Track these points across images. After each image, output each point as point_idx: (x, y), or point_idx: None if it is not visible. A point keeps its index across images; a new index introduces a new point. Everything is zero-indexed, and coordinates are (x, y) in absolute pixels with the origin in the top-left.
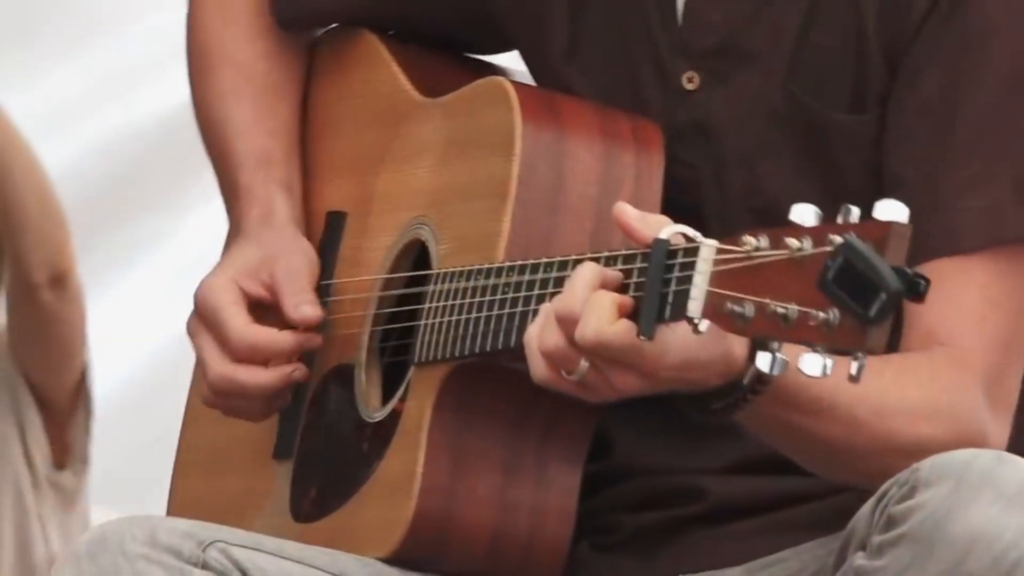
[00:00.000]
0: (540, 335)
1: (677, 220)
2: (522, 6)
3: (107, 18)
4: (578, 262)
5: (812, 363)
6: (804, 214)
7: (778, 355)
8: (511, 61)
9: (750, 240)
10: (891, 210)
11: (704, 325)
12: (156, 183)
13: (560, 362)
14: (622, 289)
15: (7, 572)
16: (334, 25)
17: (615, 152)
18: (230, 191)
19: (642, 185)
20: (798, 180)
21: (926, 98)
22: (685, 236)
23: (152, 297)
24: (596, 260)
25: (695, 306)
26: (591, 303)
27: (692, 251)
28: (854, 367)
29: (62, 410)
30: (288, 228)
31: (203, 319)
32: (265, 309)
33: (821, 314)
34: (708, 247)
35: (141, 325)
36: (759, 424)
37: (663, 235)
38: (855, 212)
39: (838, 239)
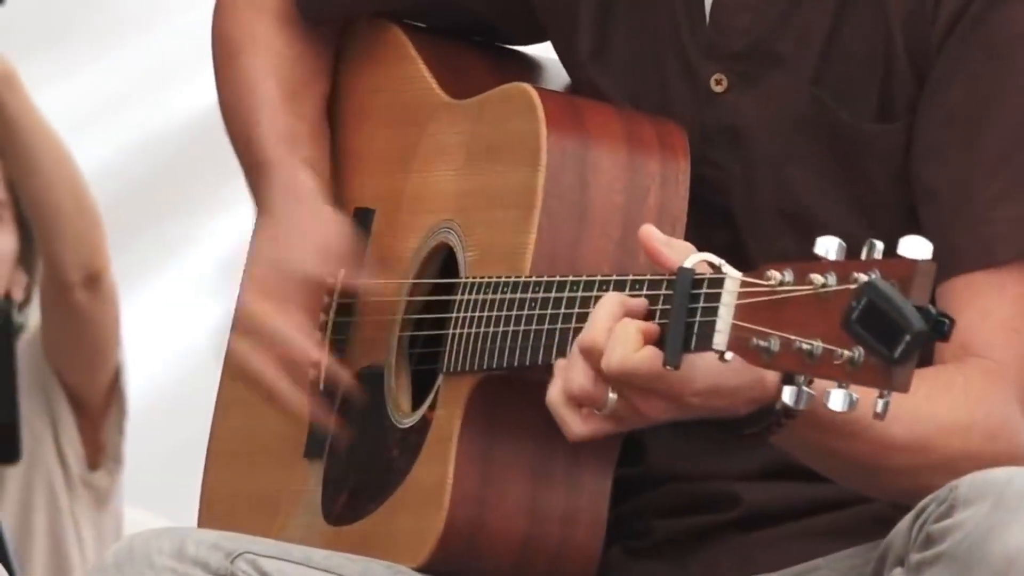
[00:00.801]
0: (566, 376)
1: (708, 221)
2: (555, 1)
3: (140, 17)
4: (604, 283)
5: (838, 399)
6: (829, 247)
7: (804, 389)
8: (541, 48)
9: (775, 274)
10: (916, 247)
11: (730, 355)
12: (189, 183)
13: (588, 400)
14: (648, 316)
15: (40, 571)
16: None
17: (640, 160)
18: (254, 170)
19: (668, 192)
20: (826, 185)
21: (953, 109)
22: (711, 264)
23: (185, 297)
24: (621, 285)
25: (720, 338)
26: (616, 332)
27: (717, 282)
28: (880, 405)
29: (95, 410)
30: (317, 203)
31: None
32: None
33: (846, 352)
34: (733, 279)
35: (174, 325)
36: (793, 446)
37: (688, 263)
38: (879, 247)
39: (863, 277)
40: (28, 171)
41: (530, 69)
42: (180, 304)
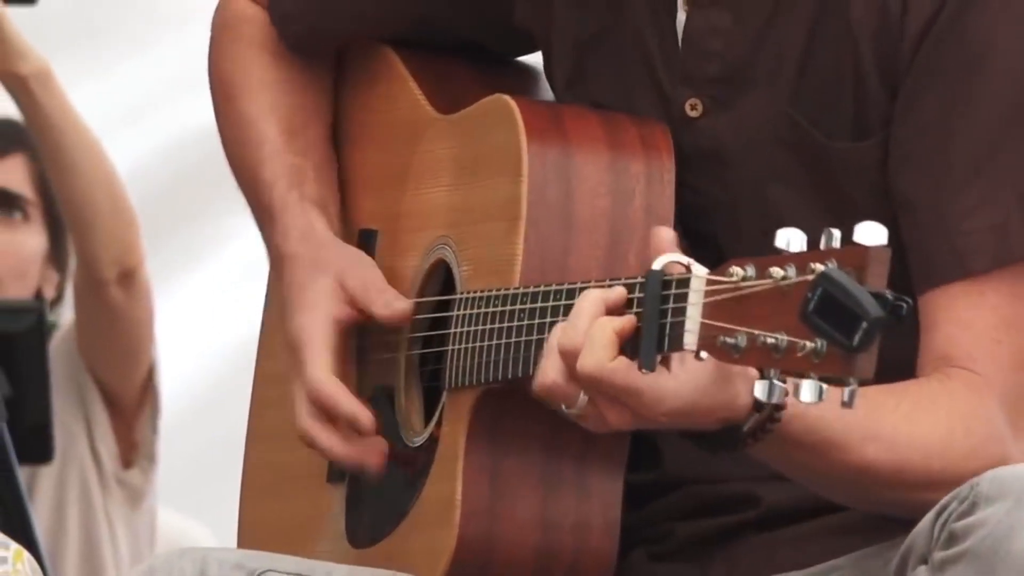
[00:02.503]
0: (541, 368)
1: (693, 245)
2: (535, 25)
3: (174, 17)
4: (584, 290)
5: (808, 391)
6: (791, 238)
7: (775, 382)
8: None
9: (737, 270)
10: (871, 233)
11: (704, 354)
12: (222, 183)
13: (560, 396)
14: (627, 307)
15: (73, 570)
16: None
17: (624, 162)
18: (264, 214)
19: (653, 192)
20: (807, 205)
21: (926, 120)
22: (682, 264)
23: (217, 296)
24: (600, 288)
25: (691, 338)
26: (592, 333)
27: (684, 282)
28: (846, 393)
29: (130, 407)
30: (335, 240)
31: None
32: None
33: (808, 344)
34: (698, 278)
35: (206, 325)
36: (768, 458)
37: (657, 265)
38: (836, 236)
39: (819, 267)
40: (64, 169)
41: (522, 78)
42: (212, 303)
